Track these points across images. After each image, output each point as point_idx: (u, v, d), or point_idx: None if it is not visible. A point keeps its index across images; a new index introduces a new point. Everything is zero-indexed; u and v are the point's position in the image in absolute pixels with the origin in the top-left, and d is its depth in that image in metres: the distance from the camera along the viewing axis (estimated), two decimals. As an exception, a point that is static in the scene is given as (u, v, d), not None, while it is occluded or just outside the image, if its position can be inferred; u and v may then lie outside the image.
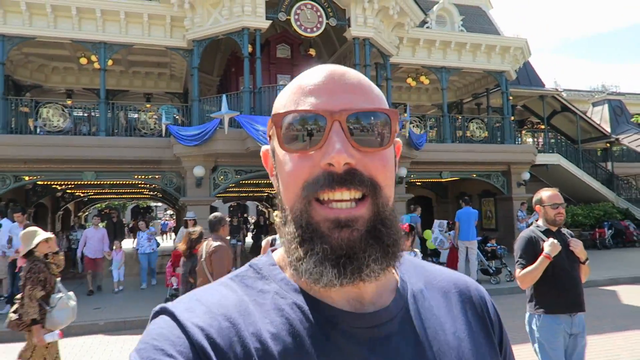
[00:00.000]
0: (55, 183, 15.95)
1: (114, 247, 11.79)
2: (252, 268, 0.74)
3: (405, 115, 13.21)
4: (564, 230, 3.68)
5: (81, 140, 12.35)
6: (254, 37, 12.42)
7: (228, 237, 5.83)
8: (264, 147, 0.77)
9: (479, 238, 10.98)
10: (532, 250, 3.53)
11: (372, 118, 0.66)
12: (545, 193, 3.68)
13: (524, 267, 3.53)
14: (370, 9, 12.83)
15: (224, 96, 11.65)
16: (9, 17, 12.09)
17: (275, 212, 2.63)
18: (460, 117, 17.03)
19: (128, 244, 23.46)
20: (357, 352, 0.63)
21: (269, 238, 5.59)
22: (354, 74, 0.69)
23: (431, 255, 14.02)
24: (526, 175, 16.75)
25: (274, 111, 0.70)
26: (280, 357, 0.61)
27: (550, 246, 3.40)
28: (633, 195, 20.80)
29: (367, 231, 0.63)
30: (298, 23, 12.59)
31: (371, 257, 0.63)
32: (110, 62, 13.66)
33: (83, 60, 14.94)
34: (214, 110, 12.28)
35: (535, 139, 19.84)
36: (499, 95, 17.63)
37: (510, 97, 19.74)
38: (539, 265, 3.42)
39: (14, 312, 4.12)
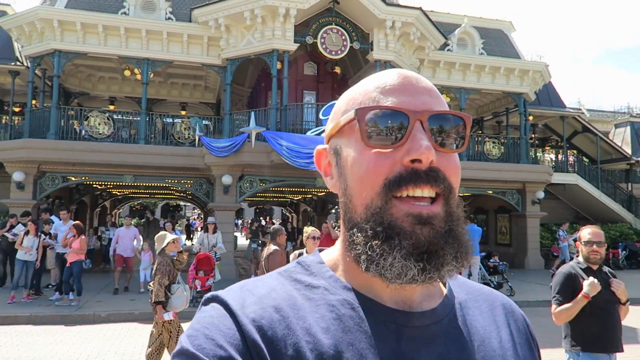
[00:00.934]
0: (96, 183, 17.36)
1: (142, 248, 11.89)
2: (300, 265, 0.74)
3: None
4: (606, 269, 3.63)
5: (122, 147, 13.61)
6: (282, 58, 13.48)
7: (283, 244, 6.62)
8: (319, 146, 0.78)
9: (482, 254, 11.68)
10: (570, 287, 3.52)
11: (450, 121, 0.67)
12: (585, 230, 3.66)
13: (560, 303, 3.52)
14: (392, 34, 13.73)
15: (252, 113, 12.75)
16: (65, 35, 13.50)
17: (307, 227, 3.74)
18: (478, 136, 17.65)
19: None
20: (406, 349, 0.64)
21: (296, 252, 5.90)
22: (426, 80, 0.72)
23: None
24: (540, 194, 17.25)
25: (349, 107, 0.71)
26: (331, 352, 0.61)
27: (589, 286, 3.37)
28: (652, 218, 20.93)
29: (445, 230, 0.64)
30: (324, 46, 13.60)
31: (450, 254, 0.64)
32: (151, 75, 14.97)
33: (127, 73, 16.29)
34: (243, 124, 13.39)
35: (552, 159, 20.21)
36: (519, 115, 18.20)
37: (531, 117, 20.34)
38: (577, 304, 3.41)
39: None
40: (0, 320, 8.31)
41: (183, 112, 20.20)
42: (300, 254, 5.51)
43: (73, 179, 14.08)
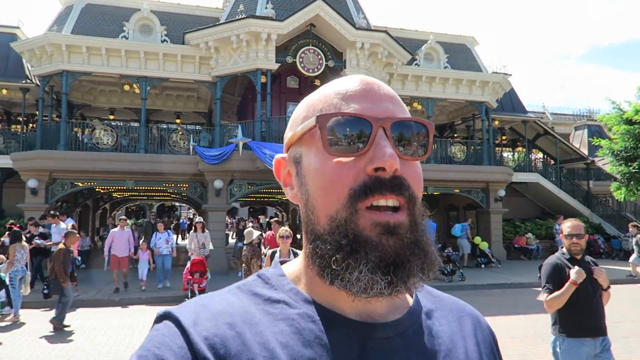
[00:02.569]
0: (100, 187, 19.07)
1: (140, 248, 12.29)
2: (260, 278, 0.72)
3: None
4: (588, 259, 3.82)
5: (125, 157, 15.36)
6: (266, 75, 15.27)
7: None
8: (278, 155, 0.76)
9: (439, 245, 13.55)
10: (558, 276, 3.70)
11: (413, 128, 0.67)
12: (565, 223, 3.86)
13: (550, 292, 3.70)
14: (362, 53, 15.57)
15: (239, 125, 14.56)
16: (72, 57, 15.22)
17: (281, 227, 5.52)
18: (446, 141, 19.54)
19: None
20: None
21: (269, 252, 6.07)
22: (387, 86, 0.71)
23: (480, 256, 16.81)
24: (502, 193, 19.18)
25: (309, 113, 0.70)
26: None
27: (576, 274, 3.58)
28: (608, 212, 22.98)
29: (411, 240, 0.63)
30: (302, 65, 15.41)
31: (417, 266, 0.62)
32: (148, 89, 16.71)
33: (126, 87, 18.00)
34: (232, 134, 15.19)
35: (517, 159, 22.16)
36: (493, 117, 20.11)
37: (496, 122, 22.30)
38: (566, 290, 3.59)
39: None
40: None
41: (178, 121, 22.01)
42: (274, 253, 5.94)
43: (80, 184, 15.80)
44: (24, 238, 9.50)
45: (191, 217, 48.56)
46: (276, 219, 13.87)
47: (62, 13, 16.48)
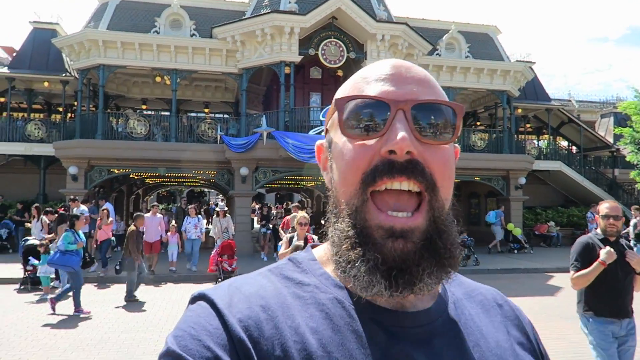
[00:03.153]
0: (134, 174, 20.17)
1: (169, 231, 12.81)
2: (291, 262, 0.73)
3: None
4: (623, 242, 3.79)
5: (157, 145, 16.30)
6: (289, 67, 15.89)
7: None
8: (319, 141, 0.77)
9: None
10: (587, 255, 3.69)
11: (438, 111, 0.64)
12: (603, 204, 3.82)
13: (578, 269, 3.70)
14: (383, 45, 16.00)
15: (263, 115, 15.28)
16: (108, 51, 16.17)
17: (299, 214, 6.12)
18: (467, 129, 19.81)
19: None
20: (399, 350, 0.62)
21: (287, 236, 6.25)
22: (420, 69, 0.69)
23: (513, 242, 17.37)
24: (522, 180, 19.37)
25: (337, 97, 0.69)
26: (320, 352, 0.60)
27: (606, 254, 3.54)
28: (633, 200, 22.84)
29: (423, 244, 0.61)
30: (324, 56, 15.97)
31: (426, 271, 0.61)
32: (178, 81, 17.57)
33: (158, 79, 18.93)
34: (257, 124, 15.92)
35: (541, 146, 22.22)
36: (516, 105, 20.25)
37: (519, 110, 22.38)
38: (593, 270, 3.57)
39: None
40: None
41: (206, 110, 22.93)
42: (292, 238, 6.14)
43: (116, 171, 16.86)
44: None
45: (219, 202, 49.82)
46: (296, 204, 14.53)
47: (98, 10, 17.43)
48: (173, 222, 15.06)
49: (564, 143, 25.18)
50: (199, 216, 13.30)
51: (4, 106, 19.00)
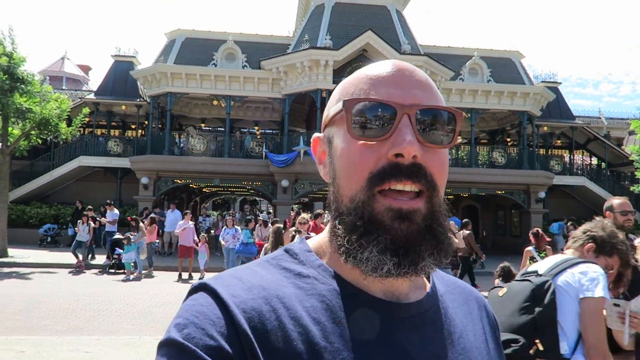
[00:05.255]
0: (193, 184, 23.35)
1: (199, 240, 13.07)
2: (287, 253, 0.74)
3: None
4: (631, 236, 3.79)
5: (213, 160, 19.26)
6: (325, 92, 18.43)
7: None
8: (316, 134, 0.79)
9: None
10: None
11: (440, 116, 0.68)
12: (615, 201, 3.83)
13: None
14: (407, 74, 18.21)
15: (301, 136, 17.89)
16: (174, 81, 19.37)
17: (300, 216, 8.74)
18: (489, 147, 21.58)
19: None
20: (395, 340, 0.66)
21: (292, 229, 7.06)
22: (422, 72, 0.72)
23: None
24: (542, 194, 20.86)
25: (341, 96, 0.72)
26: (322, 343, 0.62)
27: None
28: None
29: (424, 227, 0.65)
30: (355, 84, 18.40)
31: (427, 251, 0.65)
32: (232, 104, 20.54)
33: (215, 102, 22.03)
34: (297, 142, 18.54)
35: (559, 162, 23.47)
36: (540, 124, 21.83)
37: (545, 128, 23.84)
38: None
39: None
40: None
41: (256, 128, 25.94)
42: (294, 236, 6.87)
43: (179, 181, 19.96)
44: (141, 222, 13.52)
45: (261, 213, 53.22)
46: (318, 211, 16.84)
47: (167, 45, 20.76)
48: (212, 231, 17.76)
49: (594, 160, 26.18)
50: (237, 227, 13.52)
51: (90, 125, 22.64)
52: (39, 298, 9.42)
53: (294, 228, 8.46)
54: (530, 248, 7.89)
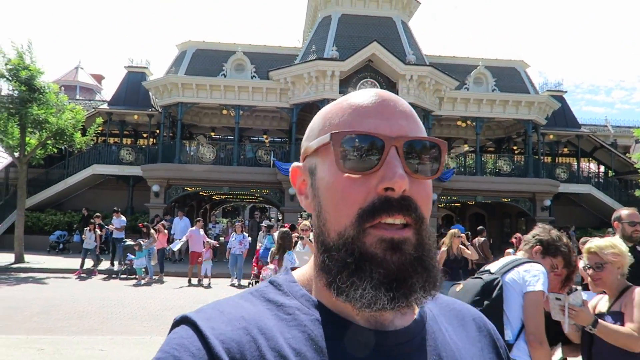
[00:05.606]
0: (203, 191, 23.82)
1: (204, 246, 13.31)
2: (272, 284, 0.74)
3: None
4: (638, 247, 3.80)
5: (222, 168, 19.71)
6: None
7: None
8: (295, 164, 0.78)
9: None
10: None
11: (425, 147, 0.68)
12: (624, 211, 3.84)
13: None
14: (412, 83, 18.60)
15: (309, 144, 18.29)
16: (185, 91, 19.89)
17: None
18: (493, 156, 21.81)
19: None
20: None
21: (295, 235, 7.58)
22: (404, 103, 0.71)
23: None
24: (547, 202, 21.02)
25: (324, 127, 0.71)
26: None
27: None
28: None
29: (415, 257, 0.65)
30: (361, 94, 18.80)
31: (419, 283, 0.64)
32: (241, 113, 21.01)
33: (224, 112, 22.53)
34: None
35: (565, 171, 23.61)
36: (545, 132, 22.05)
37: (551, 136, 24.01)
38: None
39: None
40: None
41: (265, 136, 26.38)
42: (296, 242, 7.65)
43: (189, 189, 20.42)
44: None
45: (264, 220, 53.57)
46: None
47: (178, 57, 21.34)
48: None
49: (602, 167, 26.26)
50: (244, 233, 13.85)
51: (103, 134, 23.23)
52: (54, 301, 9.85)
53: (296, 234, 8.78)
54: (510, 250, 8.36)
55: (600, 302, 2.67)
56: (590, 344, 2.51)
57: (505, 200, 21.58)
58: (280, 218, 35.81)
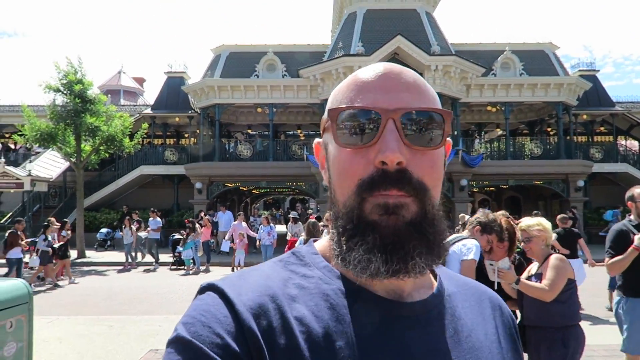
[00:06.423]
0: (243, 187, 25.12)
1: (238, 238, 13.76)
2: (294, 255, 0.76)
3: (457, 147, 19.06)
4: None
5: (259, 164, 20.86)
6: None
7: None
8: (317, 140, 0.80)
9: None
10: (622, 241, 3.75)
11: (426, 118, 0.67)
12: (637, 190, 3.86)
13: (612, 256, 3.77)
14: (437, 73, 19.07)
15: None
16: (221, 93, 21.11)
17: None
18: (523, 139, 21.97)
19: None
20: (397, 338, 0.66)
21: (321, 224, 8.00)
22: (410, 74, 0.71)
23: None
24: (581, 183, 21.03)
25: (329, 105, 0.73)
26: (324, 341, 0.63)
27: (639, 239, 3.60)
28: None
29: (413, 224, 0.65)
30: (388, 86, 19.46)
31: (416, 249, 0.64)
32: (274, 110, 22.08)
33: (259, 110, 23.66)
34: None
35: (599, 150, 23.42)
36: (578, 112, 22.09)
37: (584, 116, 23.89)
38: (628, 255, 3.65)
39: None
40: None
41: (299, 131, 27.41)
42: (324, 227, 7.98)
43: (229, 185, 21.71)
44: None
45: (292, 211, 54.56)
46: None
47: (213, 60, 22.58)
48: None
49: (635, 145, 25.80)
50: (272, 225, 14.30)
51: (148, 137, 24.85)
52: (115, 290, 11.23)
53: (322, 223, 9.62)
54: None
55: (532, 267, 3.47)
56: (522, 298, 3.31)
57: (538, 182, 21.73)
58: (319, 208, 36.90)
